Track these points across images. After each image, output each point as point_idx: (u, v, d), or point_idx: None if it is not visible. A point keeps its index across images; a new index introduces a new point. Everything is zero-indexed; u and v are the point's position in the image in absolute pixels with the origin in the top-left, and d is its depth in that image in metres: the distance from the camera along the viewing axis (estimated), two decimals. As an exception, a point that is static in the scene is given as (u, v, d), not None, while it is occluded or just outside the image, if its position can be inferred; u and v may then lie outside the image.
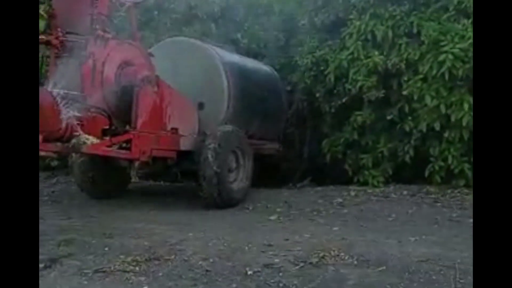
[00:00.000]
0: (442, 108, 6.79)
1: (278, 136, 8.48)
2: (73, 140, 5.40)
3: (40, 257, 4.19)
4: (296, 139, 9.09)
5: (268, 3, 10.27)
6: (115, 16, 6.42)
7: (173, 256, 4.32)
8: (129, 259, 4.23)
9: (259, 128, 7.82)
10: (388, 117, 7.54)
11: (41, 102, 5.17)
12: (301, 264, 4.16)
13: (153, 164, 6.50)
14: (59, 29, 5.68)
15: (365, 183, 7.71)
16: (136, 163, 6.17)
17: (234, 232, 5.33)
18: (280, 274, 3.99)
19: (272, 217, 6.10)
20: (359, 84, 7.56)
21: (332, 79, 7.95)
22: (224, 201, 6.65)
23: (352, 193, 7.23)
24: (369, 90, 7.49)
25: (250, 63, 8.42)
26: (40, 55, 5.60)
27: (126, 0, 6.54)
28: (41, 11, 5.48)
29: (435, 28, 6.89)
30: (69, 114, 5.29)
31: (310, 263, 4.19)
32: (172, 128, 6.58)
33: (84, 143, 5.43)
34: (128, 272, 3.97)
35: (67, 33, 5.70)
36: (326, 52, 8.18)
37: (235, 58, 8.00)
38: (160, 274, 3.97)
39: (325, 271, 4.05)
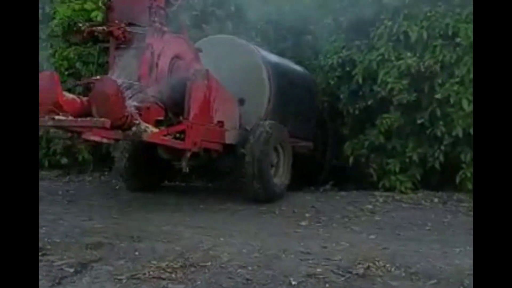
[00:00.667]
0: (479, 113, 6.53)
1: (309, 135, 8.28)
2: (134, 128, 5.44)
3: (69, 261, 4.01)
4: (318, 141, 8.83)
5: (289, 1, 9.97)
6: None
7: (209, 263, 4.07)
8: (163, 265, 3.98)
9: (293, 126, 7.68)
10: (419, 121, 7.26)
11: (106, 90, 5.27)
12: (347, 275, 3.92)
13: (200, 157, 6.59)
14: (117, 21, 5.81)
15: (391, 189, 7.43)
16: (188, 154, 6.18)
17: (265, 237, 5.09)
18: (327, 285, 3.74)
19: (303, 223, 5.84)
20: (389, 86, 7.29)
21: (360, 80, 7.68)
22: (263, 185, 6.58)
23: (380, 199, 6.95)
24: (400, 93, 7.22)
25: (286, 62, 8.33)
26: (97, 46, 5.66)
27: None
28: (99, 3, 5.57)
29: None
30: (130, 103, 5.34)
31: (356, 274, 3.95)
32: (218, 122, 6.71)
33: (145, 131, 5.50)
34: (164, 279, 3.71)
35: (129, 24, 5.82)
36: (354, 53, 7.92)
37: (273, 57, 7.95)
38: (199, 282, 3.71)
39: (373, 283, 3.81)
